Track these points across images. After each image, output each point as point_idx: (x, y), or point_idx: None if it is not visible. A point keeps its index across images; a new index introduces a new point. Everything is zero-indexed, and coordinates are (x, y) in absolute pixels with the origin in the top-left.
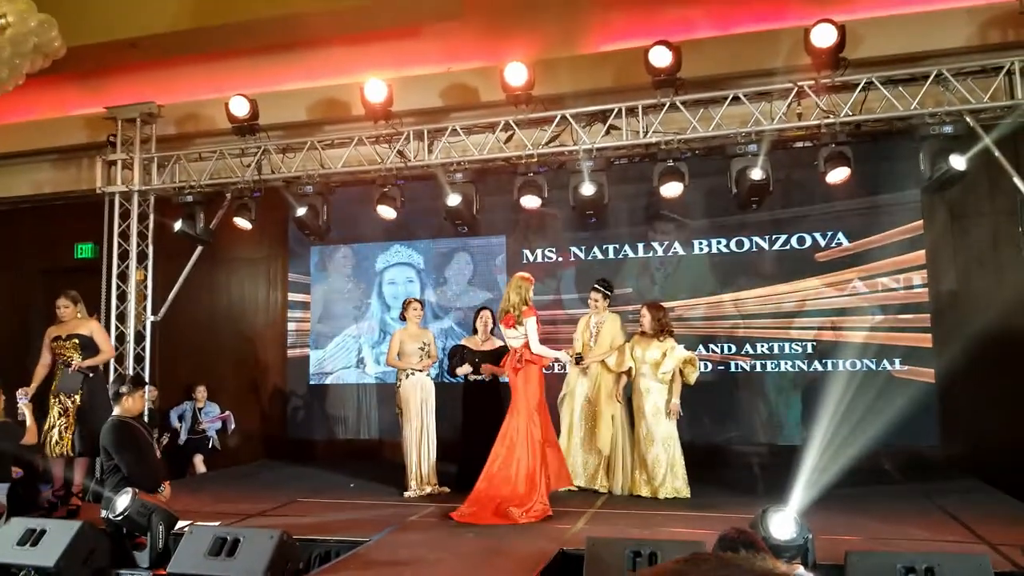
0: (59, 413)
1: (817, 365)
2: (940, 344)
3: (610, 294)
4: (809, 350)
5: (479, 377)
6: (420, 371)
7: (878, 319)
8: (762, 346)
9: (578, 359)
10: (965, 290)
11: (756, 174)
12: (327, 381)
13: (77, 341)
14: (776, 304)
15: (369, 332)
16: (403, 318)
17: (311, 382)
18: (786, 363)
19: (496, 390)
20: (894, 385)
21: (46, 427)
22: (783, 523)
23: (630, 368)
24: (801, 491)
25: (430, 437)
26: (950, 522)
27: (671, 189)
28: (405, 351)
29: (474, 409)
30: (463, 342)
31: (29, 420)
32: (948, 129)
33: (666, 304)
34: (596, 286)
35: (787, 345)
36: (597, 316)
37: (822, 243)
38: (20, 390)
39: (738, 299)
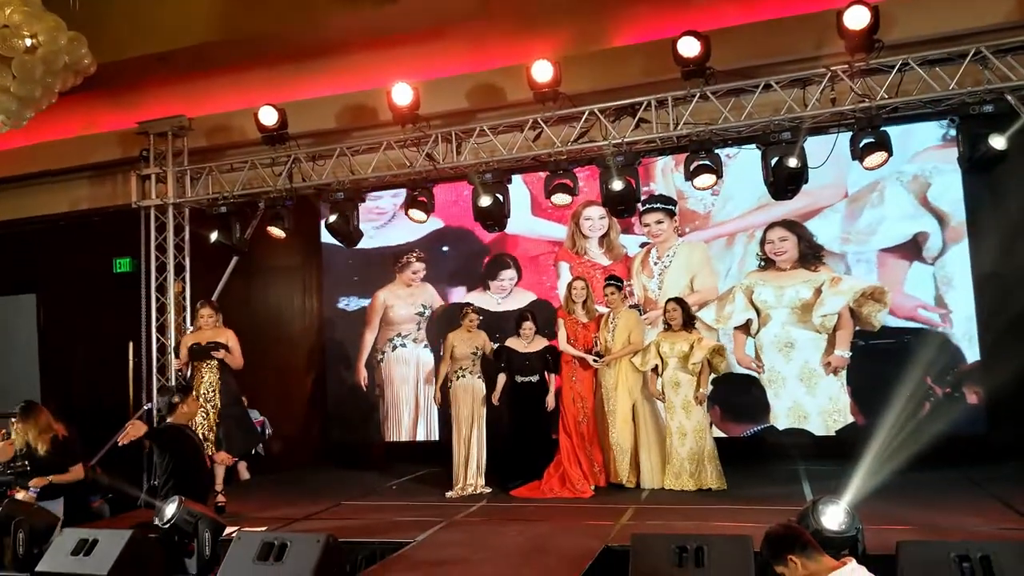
0: (202, 416)
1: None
2: (984, 326)
3: (621, 286)
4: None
5: (526, 379)
6: (471, 373)
7: (916, 303)
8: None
9: (597, 356)
10: (1009, 271)
11: (792, 162)
12: (367, 383)
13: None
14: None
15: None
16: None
17: (354, 382)
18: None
19: (543, 390)
20: (937, 370)
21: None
22: (835, 515)
23: (656, 365)
24: (851, 481)
25: (480, 438)
26: (1003, 509)
27: (704, 181)
28: (456, 355)
29: (520, 410)
30: (508, 343)
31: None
32: (988, 108)
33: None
34: (609, 282)
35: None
36: (615, 312)
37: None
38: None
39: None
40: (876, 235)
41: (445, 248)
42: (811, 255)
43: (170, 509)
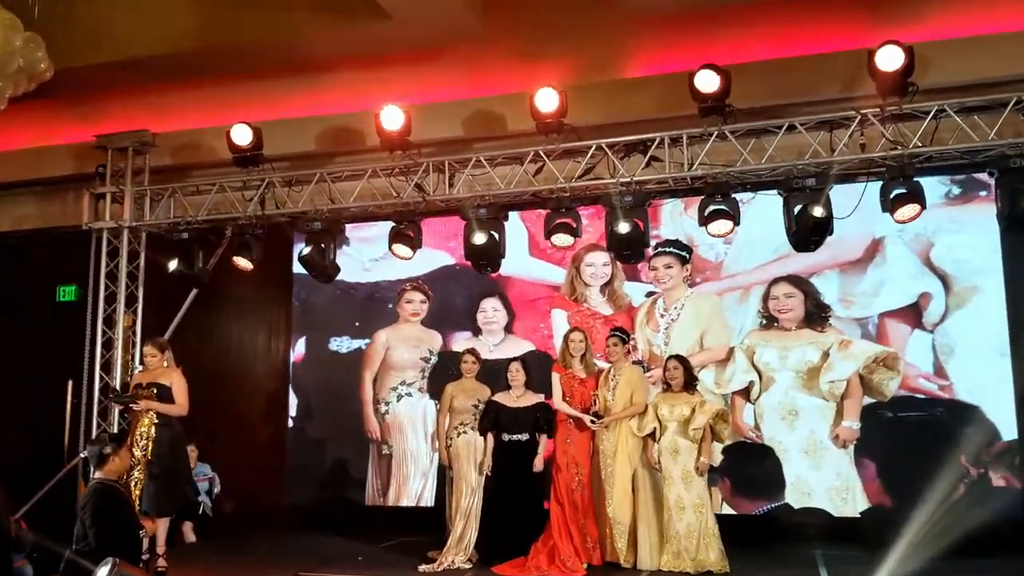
0: (132, 465)
1: (877, 422)
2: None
3: (627, 339)
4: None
5: (514, 437)
6: (472, 428)
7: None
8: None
9: (595, 417)
10: None
11: (817, 211)
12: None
13: (155, 390)
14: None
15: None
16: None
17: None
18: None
19: (533, 452)
20: (971, 448)
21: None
22: None
23: (655, 430)
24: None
25: (478, 504)
26: None
27: (719, 227)
28: (456, 408)
29: (507, 473)
30: (496, 397)
31: None
32: None
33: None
34: (613, 333)
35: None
36: (616, 368)
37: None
38: None
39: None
40: (879, 297)
41: (450, 287)
42: (818, 315)
43: (102, 572)
